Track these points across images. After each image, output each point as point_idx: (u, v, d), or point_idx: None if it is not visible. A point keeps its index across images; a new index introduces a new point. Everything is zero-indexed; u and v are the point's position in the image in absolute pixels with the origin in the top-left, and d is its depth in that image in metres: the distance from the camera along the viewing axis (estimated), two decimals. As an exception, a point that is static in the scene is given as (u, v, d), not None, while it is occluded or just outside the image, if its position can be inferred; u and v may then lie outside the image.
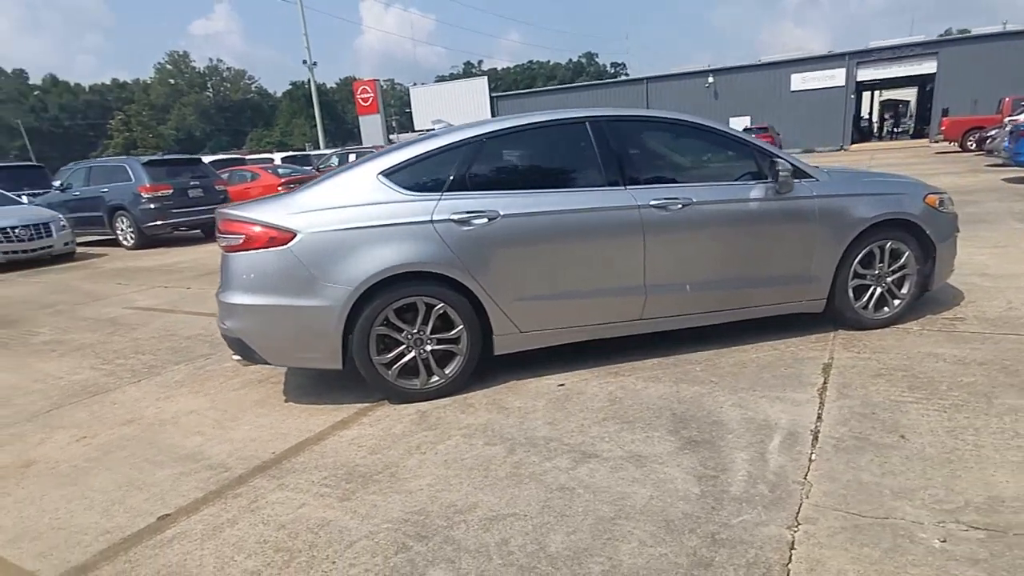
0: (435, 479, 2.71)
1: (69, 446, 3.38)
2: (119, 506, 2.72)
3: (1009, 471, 2.42)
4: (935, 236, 4.03)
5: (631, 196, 3.61)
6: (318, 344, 3.38)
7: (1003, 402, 2.97)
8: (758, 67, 34.51)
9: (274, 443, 3.20)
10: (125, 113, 58.34)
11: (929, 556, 1.98)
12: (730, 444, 2.80)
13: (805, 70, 32.76)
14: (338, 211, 3.40)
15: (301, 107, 60.70)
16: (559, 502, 2.46)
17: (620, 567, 2.06)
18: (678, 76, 36.85)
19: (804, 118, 32.31)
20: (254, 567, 2.22)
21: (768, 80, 33.48)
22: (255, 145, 60.41)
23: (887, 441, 2.71)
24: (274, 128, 68.51)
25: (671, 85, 36.40)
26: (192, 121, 72.05)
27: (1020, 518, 2.13)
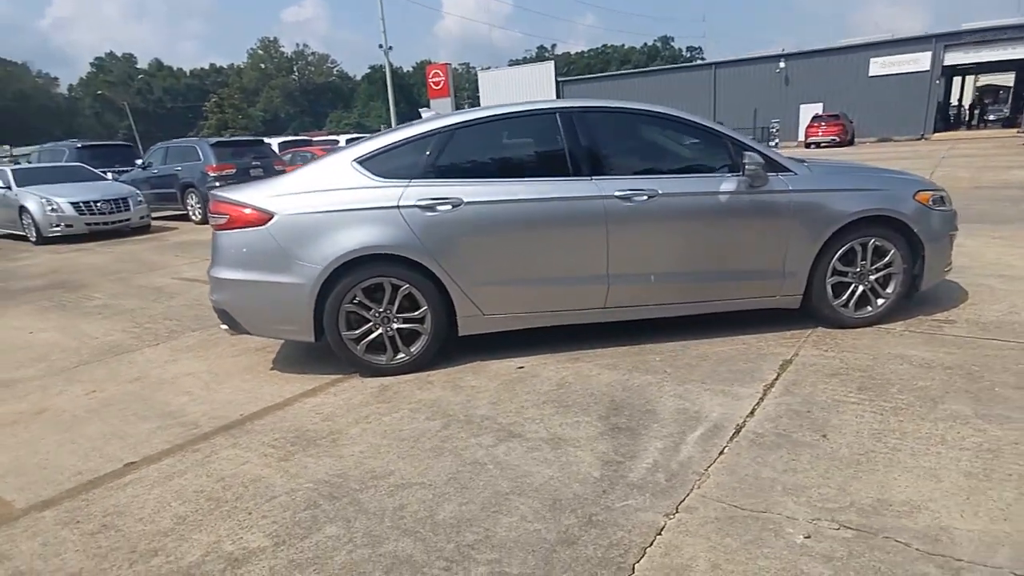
0: (368, 447, 2.88)
1: (78, 398, 3.74)
2: (97, 452, 3.02)
3: (913, 476, 2.36)
4: (924, 235, 3.85)
5: (596, 186, 3.63)
6: (292, 318, 3.59)
7: (948, 408, 2.87)
8: (834, 51, 32.66)
9: (246, 406, 3.44)
10: (219, 96, 61.34)
11: (785, 550, 1.99)
12: (652, 433, 2.83)
13: (886, 54, 30.76)
14: (313, 195, 3.59)
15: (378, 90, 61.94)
16: (466, 475, 2.58)
17: (492, 537, 2.16)
18: (747, 61, 35.36)
19: (882, 105, 30.45)
20: (183, 512, 2.45)
21: (845, 65, 31.66)
22: (334, 127, 62.29)
23: (806, 439, 2.68)
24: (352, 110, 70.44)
25: (740, 71, 35.02)
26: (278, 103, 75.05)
27: (898, 522, 2.09)
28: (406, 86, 67.98)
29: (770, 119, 32.42)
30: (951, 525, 2.06)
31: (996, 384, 3.07)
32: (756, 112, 33.51)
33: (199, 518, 2.41)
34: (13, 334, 5.30)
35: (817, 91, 31.90)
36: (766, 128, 32.08)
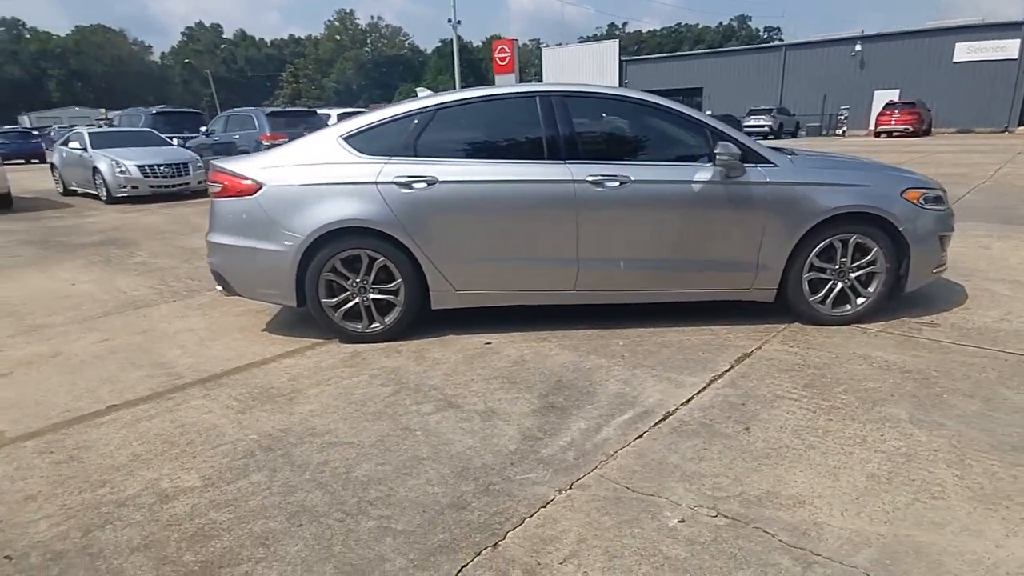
0: (318, 407, 3.06)
1: (90, 345, 4.08)
2: (89, 394, 3.32)
3: (813, 473, 2.36)
4: (911, 234, 3.72)
5: (568, 171, 3.67)
6: (277, 283, 3.81)
7: (884, 411, 2.82)
8: (916, 34, 30.66)
9: (229, 362, 3.70)
10: (295, 67, 63.02)
11: (654, 532, 2.06)
12: (581, 414, 2.90)
13: (974, 38, 28.66)
14: (300, 168, 3.77)
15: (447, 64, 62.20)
16: (394, 439, 2.73)
17: (392, 496, 2.31)
18: (820, 43, 33.66)
19: (966, 94, 28.53)
20: (139, 451, 2.70)
21: (927, 49, 29.73)
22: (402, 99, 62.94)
23: (727, 431, 2.70)
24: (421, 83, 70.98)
25: (812, 53, 33.39)
26: (351, 75, 76.45)
27: (775, 515, 2.12)
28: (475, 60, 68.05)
29: (840, 105, 30.86)
30: (826, 522, 2.07)
31: (947, 391, 2.98)
32: (826, 97, 31.98)
33: (150, 458, 2.65)
34: (58, 284, 5.76)
35: (894, 77, 30.13)
36: (834, 115, 30.60)
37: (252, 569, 1.95)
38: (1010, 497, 2.16)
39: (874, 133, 27.21)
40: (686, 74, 36.46)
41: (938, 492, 2.21)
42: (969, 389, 2.99)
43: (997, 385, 3.02)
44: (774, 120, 28.41)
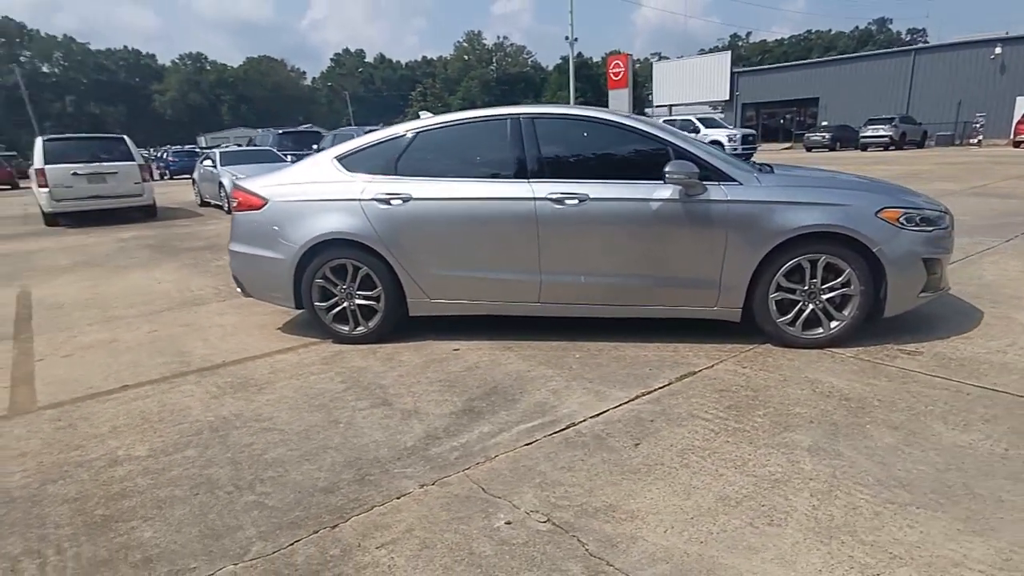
0: (276, 397, 3.41)
1: (140, 335, 4.73)
2: (114, 375, 3.90)
3: (668, 491, 2.36)
4: (886, 256, 3.48)
5: (531, 189, 3.79)
6: (278, 287, 4.23)
7: (789, 437, 2.71)
8: (1074, 34, 26.95)
9: (233, 354, 4.16)
10: (423, 86, 66.35)
11: (476, 530, 2.17)
12: (493, 418, 3.03)
13: None
14: (299, 186, 4.18)
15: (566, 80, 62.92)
16: (317, 429, 3.00)
17: (282, 477, 2.58)
18: (955, 46, 30.40)
19: None
20: (119, 424, 3.17)
21: (1087, 50, 26.02)
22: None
23: (615, 445, 2.72)
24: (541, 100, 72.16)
25: (944, 57, 30.26)
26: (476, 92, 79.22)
27: (600, 526, 2.16)
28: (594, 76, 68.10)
29: (975, 112, 27.72)
30: (643, 537, 2.08)
31: (875, 421, 2.80)
32: (960, 104, 28.82)
33: (124, 430, 3.10)
34: (148, 282, 6.64)
35: (1043, 82, 26.65)
36: (969, 123, 27.53)
37: (137, 526, 2.29)
38: (852, 533, 2.05)
39: (1013, 143, 24.18)
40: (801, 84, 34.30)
41: (778, 520, 2.13)
42: (900, 421, 2.78)
43: (935, 420, 2.78)
44: (895, 130, 26.04)
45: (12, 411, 3.44)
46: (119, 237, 10.41)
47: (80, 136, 13.64)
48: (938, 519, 2.09)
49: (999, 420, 2.74)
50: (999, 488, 2.25)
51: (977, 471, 2.36)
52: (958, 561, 1.89)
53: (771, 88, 36.20)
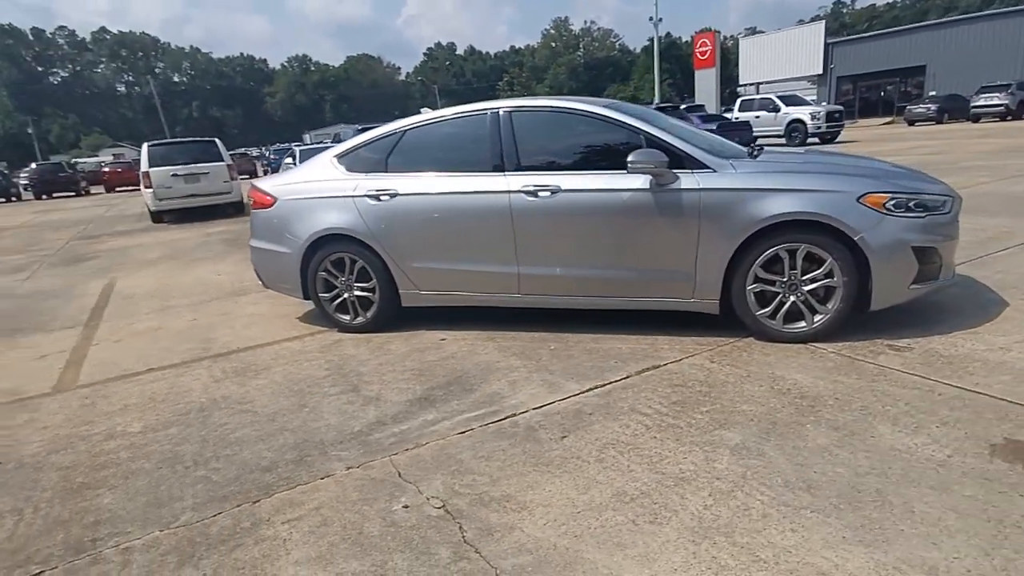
0: (267, 382, 3.68)
1: (184, 322, 5.20)
2: (145, 358, 4.34)
3: (569, 485, 2.38)
4: (869, 244, 3.26)
5: (506, 182, 3.84)
6: (288, 279, 4.53)
7: (721, 435, 2.63)
8: None
9: (249, 341, 4.50)
10: (510, 75, 66.56)
11: (375, 512, 2.30)
12: (442, 407, 3.14)
13: None
14: (303, 184, 4.44)
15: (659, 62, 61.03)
16: (285, 413, 3.23)
17: (235, 456, 2.81)
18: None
19: None
20: (130, 403, 3.55)
21: None
22: (610, 100, 63.11)
23: (543, 437, 2.76)
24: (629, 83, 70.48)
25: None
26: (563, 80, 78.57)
27: (487, 515, 2.22)
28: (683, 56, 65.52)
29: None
30: (522, 528, 2.13)
31: (820, 421, 2.66)
32: (1098, 68, 25.33)
33: (131, 408, 3.47)
34: (209, 275, 7.23)
35: None
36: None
37: (102, 493, 2.60)
38: (728, 535, 1.99)
39: None
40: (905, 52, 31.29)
41: (663, 519, 2.11)
42: (845, 422, 2.62)
43: (884, 421, 2.60)
44: (1012, 98, 23.28)
45: (55, 389, 3.92)
46: (206, 232, 11.32)
47: (178, 141, 14.89)
48: (827, 525, 1.99)
49: (958, 424, 2.53)
50: (916, 498, 2.10)
51: (901, 478, 2.21)
52: (825, 571, 1.80)
53: (871, 58, 33.33)
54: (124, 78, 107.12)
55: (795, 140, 18.50)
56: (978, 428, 2.48)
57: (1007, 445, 2.34)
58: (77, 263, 8.98)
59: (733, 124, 18.67)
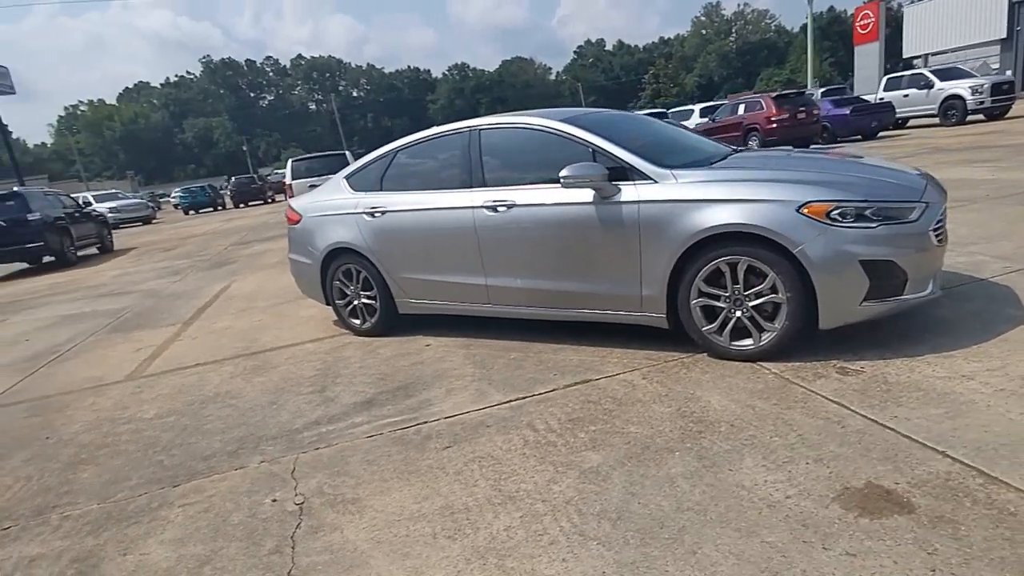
0: (266, 380, 4.17)
1: (246, 323, 5.95)
2: (201, 354, 5.07)
3: (413, 491, 2.51)
4: (808, 258, 2.97)
5: (472, 197, 3.98)
6: (312, 287, 5.05)
7: (585, 457, 2.60)
8: None
9: (282, 342, 5.07)
10: (655, 68, 64.46)
11: (249, 501, 2.61)
12: (375, 411, 3.38)
13: None
14: (321, 202, 4.92)
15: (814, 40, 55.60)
16: (259, 408, 3.66)
17: (195, 444, 3.28)
18: None
19: None
20: (163, 393, 4.21)
21: None
22: (764, 85, 58.83)
23: (431, 446, 2.89)
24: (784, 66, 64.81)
25: None
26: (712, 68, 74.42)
27: (326, 514, 2.43)
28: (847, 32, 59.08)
29: None
30: (344, 528, 2.32)
31: (689, 449, 2.52)
32: None
33: (160, 399, 4.13)
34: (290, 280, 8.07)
35: None
36: None
37: (87, 468, 3.18)
38: (503, 558, 2.02)
39: None
40: None
41: (462, 535, 2.18)
42: (717, 452, 2.46)
43: (756, 453, 2.40)
44: None
45: (127, 377, 4.74)
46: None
47: (314, 155, 16.59)
48: (600, 559, 1.94)
49: (833, 462, 2.27)
50: (712, 539, 1.96)
51: (717, 517, 2.06)
52: (560, 602, 1.78)
53: None
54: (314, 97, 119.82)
55: (951, 119, 16.04)
56: (849, 468, 2.21)
57: (861, 490, 2.07)
58: (219, 267, 10.45)
59: (869, 107, 16.65)
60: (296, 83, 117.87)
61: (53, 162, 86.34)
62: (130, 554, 2.35)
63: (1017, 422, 2.32)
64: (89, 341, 6.12)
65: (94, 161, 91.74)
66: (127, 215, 28.66)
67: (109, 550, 2.40)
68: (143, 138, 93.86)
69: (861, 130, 16.50)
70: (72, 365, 5.29)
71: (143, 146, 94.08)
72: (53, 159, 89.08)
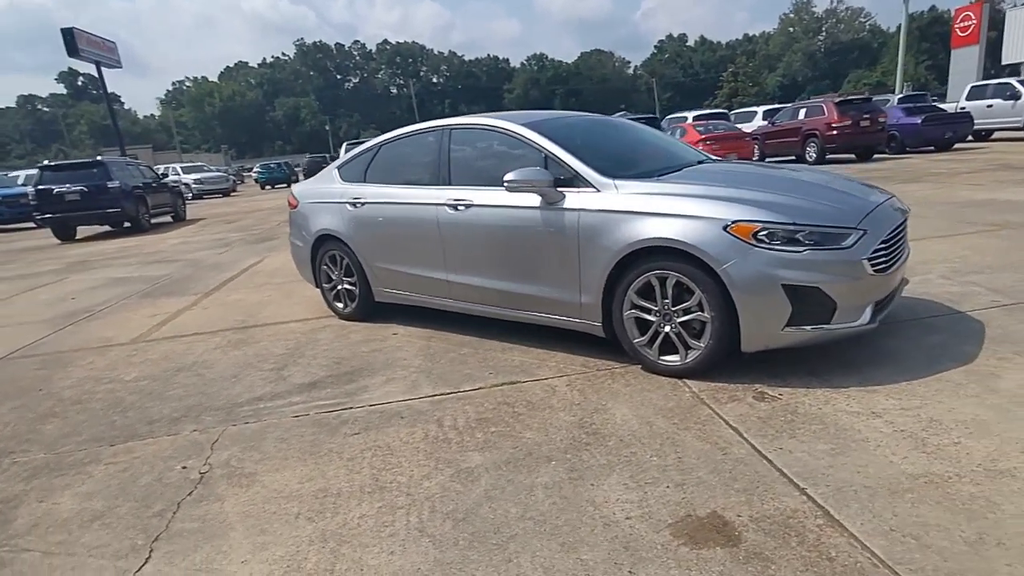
0: (241, 354, 4.41)
1: (255, 298, 6.25)
2: (202, 324, 5.39)
3: (300, 471, 2.63)
4: (731, 278, 2.88)
5: (438, 194, 4.06)
6: (305, 270, 5.27)
7: (467, 457, 2.64)
8: None
9: (275, 319, 5.32)
10: (735, 65, 62.03)
11: (163, 467, 2.80)
12: (313, 392, 3.52)
13: None
14: (314, 190, 5.12)
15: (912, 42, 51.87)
16: (218, 380, 3.88)
17: (150, 408, 3.53)
18: None
19: None
20: (152, 358, 4.53)
21: None
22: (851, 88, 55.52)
23: (343, 431, 3.01)
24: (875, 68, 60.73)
25: None
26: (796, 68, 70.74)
27: (223, 486, 2.60)
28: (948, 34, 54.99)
29: None
30: (227, 501, 2.46)
31: (568, 461, 2.52)
32: None
33: (147, 363, 4.44)
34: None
35: None
36: None
37: (54, 421, 3.48)
38: (339, 544, 2.11)
39: None
40: None
41: (317, 518, 2.28)
42: (591, 466, 2.44)
43: (628, 473, 2.37)
44: None
45: (131, 340, 5.11)
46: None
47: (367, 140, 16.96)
48: (425, 556, 2.00)
49: (695, 488, 2.22)
50: (538, 550, 1.97)
51: (549, 529, 2.07)
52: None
53: None
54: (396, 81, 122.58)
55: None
56: (704, 496, 2.16)
57: (702, 519, 2.03)
58: (263, 242, 10.96)
59: (944, 116, 15.46)
60: (380, 67, 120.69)
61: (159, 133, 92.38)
62: (45, 502, 2.59)
63: (895, 466, 2.20)
64: (121, 304, 6.60)
65: (194, 134, 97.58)
66: (209, 187, 30.35)
67: (31, 496, 2.65)
68: (238, 115, 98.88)
69: (934, 141, 15.39)
70: (95, 325, 5.73)
71: (238, 122, 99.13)
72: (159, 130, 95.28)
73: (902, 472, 2.16)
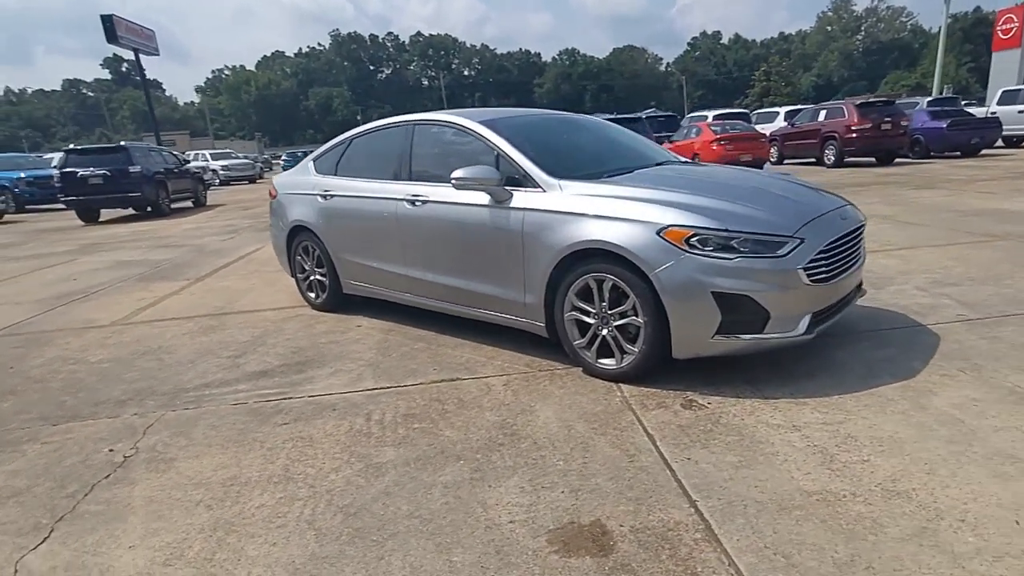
0: (208, 340, 4.48)
1: (240, 286, 6.33)
2: (182, 309, 5.49)
3: (218, 459, 2.66)
4: (662, 283, 2.82)
5: (398, 189, 4.06)
6: (282, 259, 5.33)
7: (385, 452, 2.65)
8: None
9: (250, 307, 5.40)
10: (767, 64, 60.76)
11: (92, 445, 2.86)
12: (262, 381, 3.56)
13: None
14: (292, 181, 5.17)
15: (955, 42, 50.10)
16: (176, 364, 3.95)
17: (102, 390, 3.61)
18: None
19: None
20: (124, 340, 4.63)
21: None
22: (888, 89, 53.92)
23: (276, 420, 3.03)
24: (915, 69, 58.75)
25: None
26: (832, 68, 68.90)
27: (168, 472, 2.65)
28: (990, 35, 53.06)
29: None
30: (142, 484, 2.50)
31: (475, 460, 2.51)
32: None
33: (118, 345, 4.54)
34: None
35: None
36: None
37: (11, 399, 3.58)
38: (233, 531, 2.13)
39: None
40: None
41: (217, 506, 2.30)
42: (495, 468, 2.43)
43: (528, 475, 2.35)
44: None
45: (112, 323, 5.23)
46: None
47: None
48: (304, 549, 2.00)
49: (587, 495, 2.19)
50: (413, 549, 1.96)
51: (433, 530, 2.06)
52: None
53: None
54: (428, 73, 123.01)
55: (1069, 140, 14.12)
56: (593, 503, 2.12)
57: (584, 527, 2.00)
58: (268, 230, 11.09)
59: (971, 121, 14.92)
60: (412, 59, 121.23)
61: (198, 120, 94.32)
62: (-27, 477, 2.66)
63: (794, 481, 2.13)
64: (116, 286, 6.75)
65: (231, 122, 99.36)
66: (236, 173, 30.90)
67: (-37, 471, 2.72)
68: (273, 103, 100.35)
69: (959, 146, 14.87)
70: (85, 306, 5.87)
71: (273, 110, 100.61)
72: (198, 117, 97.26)
73: (798, 488, 2.09)
